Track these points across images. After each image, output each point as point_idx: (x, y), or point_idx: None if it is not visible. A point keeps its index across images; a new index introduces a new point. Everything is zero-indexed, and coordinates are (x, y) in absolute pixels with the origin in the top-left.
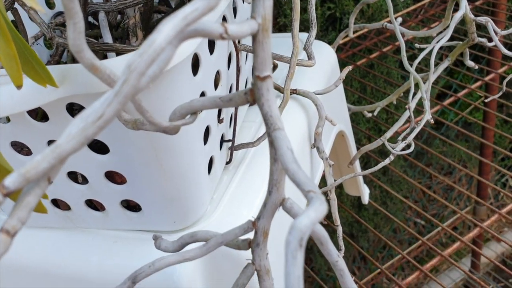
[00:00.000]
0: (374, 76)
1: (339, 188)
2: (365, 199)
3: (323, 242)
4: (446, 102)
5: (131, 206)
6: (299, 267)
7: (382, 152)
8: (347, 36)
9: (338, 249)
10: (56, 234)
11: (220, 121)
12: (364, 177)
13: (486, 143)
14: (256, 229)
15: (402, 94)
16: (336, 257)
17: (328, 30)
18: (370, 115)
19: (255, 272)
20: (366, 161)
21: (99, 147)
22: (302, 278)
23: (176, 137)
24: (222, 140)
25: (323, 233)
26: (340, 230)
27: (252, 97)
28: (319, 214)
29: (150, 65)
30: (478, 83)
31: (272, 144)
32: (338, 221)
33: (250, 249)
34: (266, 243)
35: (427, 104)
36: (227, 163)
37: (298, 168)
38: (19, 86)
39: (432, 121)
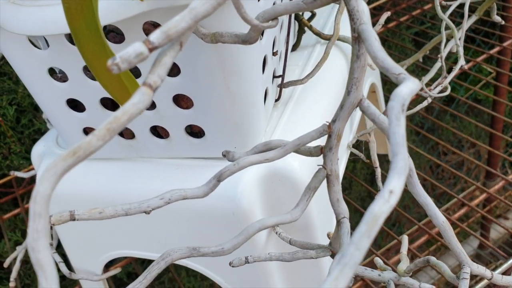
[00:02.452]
0: (389, 46)
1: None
2: None
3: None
4: (469, 65)
5: (194, 132)
6: (402, 127)
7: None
8: None
9: (377, 190)
10: (119, 164)
11: (274, 53)
12: None
13: (497, 115)
14: (331, 132)
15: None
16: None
17: None
18: None
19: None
20: None
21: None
22: (405, 137)
23: (242, 61)
24: (273, 76)
25: None
26: (378, 171)
27: None
28: (415, 86)
29: None
30: (497, 49)
31: (357, 39)
32: (377, 163)
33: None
34: (339, 147)
35: (461, 50)
36: (276, 100)
37: (386, 55)
38: None
39: (466, 67)
